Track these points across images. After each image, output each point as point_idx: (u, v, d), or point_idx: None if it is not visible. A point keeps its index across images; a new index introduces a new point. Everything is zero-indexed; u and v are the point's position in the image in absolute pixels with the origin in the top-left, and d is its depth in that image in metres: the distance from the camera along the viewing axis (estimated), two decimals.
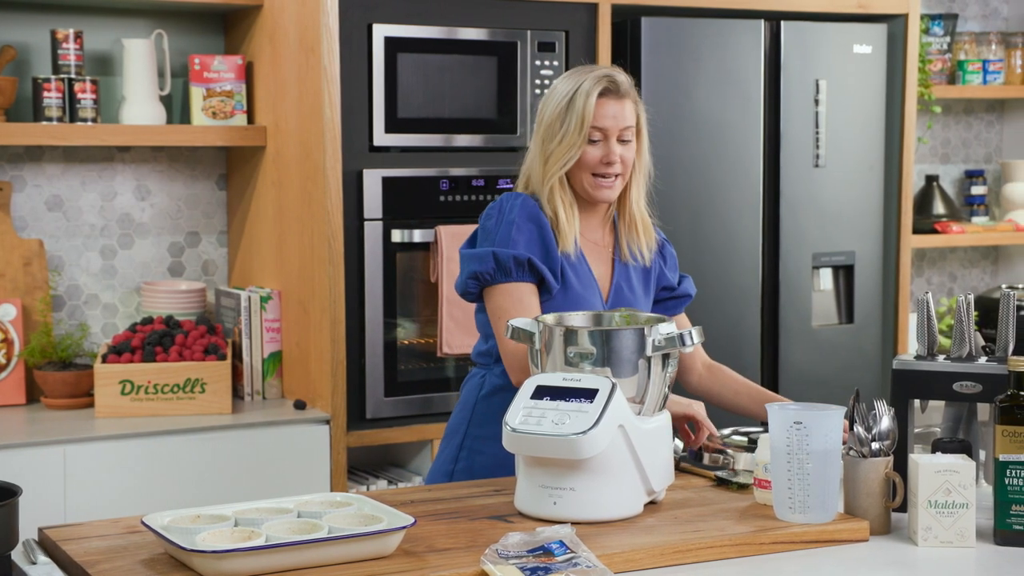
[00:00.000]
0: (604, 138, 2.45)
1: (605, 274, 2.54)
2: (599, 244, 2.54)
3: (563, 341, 2.17)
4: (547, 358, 2.19)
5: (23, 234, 3.64)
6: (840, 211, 4.02)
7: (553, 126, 2.45)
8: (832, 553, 2.03)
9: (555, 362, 2.18)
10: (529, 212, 2.45)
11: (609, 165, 2.45)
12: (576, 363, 2.16)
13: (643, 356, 2.16)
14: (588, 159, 2.45)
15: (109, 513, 2.93)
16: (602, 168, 2.45)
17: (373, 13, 3.41)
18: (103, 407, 3.35)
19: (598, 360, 2.15)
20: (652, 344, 2.16)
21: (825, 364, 4.02)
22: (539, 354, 2.21)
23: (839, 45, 3.98)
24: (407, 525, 1.91)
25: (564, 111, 2.44)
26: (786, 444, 2.08)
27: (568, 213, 2.47)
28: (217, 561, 1.79)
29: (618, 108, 2.45)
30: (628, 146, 2.47)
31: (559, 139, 2.44)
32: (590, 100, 2.42)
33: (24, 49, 3.60)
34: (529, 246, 2.42)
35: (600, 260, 2.54)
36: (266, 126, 3.64)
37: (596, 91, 2.43)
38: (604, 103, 2.44)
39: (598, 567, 1.86)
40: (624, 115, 2.46)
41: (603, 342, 2.15)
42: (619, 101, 2.45)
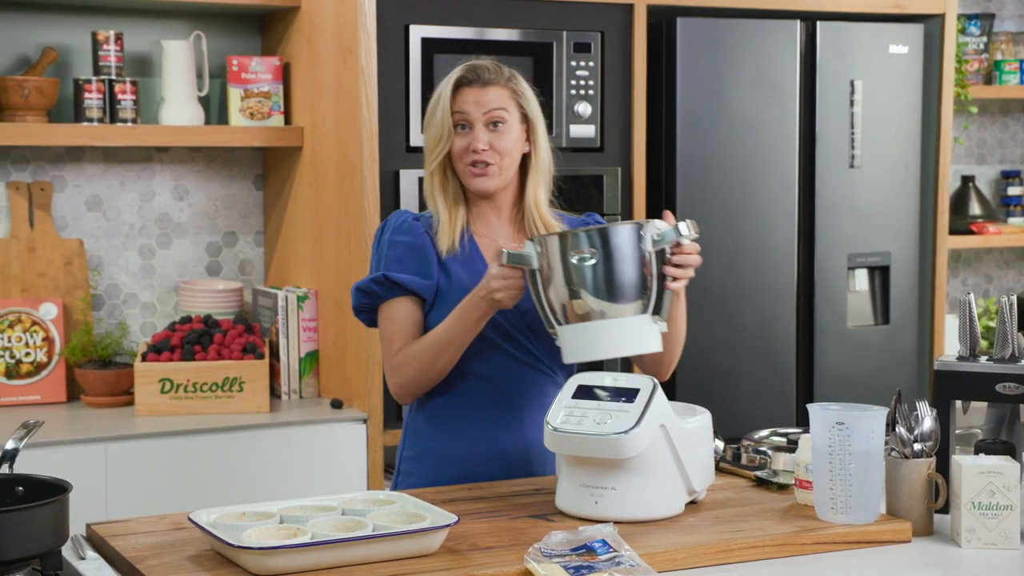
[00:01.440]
0: (471, 127, 2.39)
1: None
2: (507, 243, 2.44)
3: (560, 250, 2.16)
4: (549, 275, 2.18)
5: (64, 234, 3.68)
6: (876, 212, 4.01)
7: (426, 122, 2.43)
8: (874, 554, 2.03)
9: (557, 277, 2.18)
10: (398, 226, 2.44)
11: (476, 152, 2.38)
12: (579, 270, 2.15)
13: (644, 251, 2.16)
14: (456, 149, 2.40)
15: (149, 510, 2.95)
16: (471, 156, 2.39)
17: (410, 14, 3.43)
18: (143, 405, 3.38)
19: (600, 261, 2.14)
20: (651, 239, 2.17)
21: (860, 365, 4.01)
22: (538, 275, 2.20)
23: (875, 45, 3.97)
24: (451, 523, 1.92)
25: (433, 105, 2.42)
26: (828, 444, 2.08)
27: (450, 211, 2.42)
28: (264, 558, 1.81)
29: (480, 94, 2.39)
30: (500, 134, 2.39)
31: (430, 133, 2.41)
32: (447, 89, 2.39)
33: (65, 51, 3.64)
34: (398, 262, 2.40)
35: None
36: (303, 127, 3.67)
37: (454, 78, 2.40)
38: (464, 91, 2.39)
39: (641, 566, 1.87)
40: (486, 100, 2.38)
41: (602, 241, 2.15)
42: (482, 88, 2.39)
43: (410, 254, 2.42)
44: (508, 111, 2.40)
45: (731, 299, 3.82)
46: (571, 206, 3.61)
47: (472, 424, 2.42)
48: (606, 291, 2.16)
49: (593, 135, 3.67)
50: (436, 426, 2.44)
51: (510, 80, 2.43)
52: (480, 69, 2.41)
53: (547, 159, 2.48)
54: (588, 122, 3.66)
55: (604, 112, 3.69)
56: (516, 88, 2.43)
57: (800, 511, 2.17)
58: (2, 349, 3.50)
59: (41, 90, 3.44)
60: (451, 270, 2.42)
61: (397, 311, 2.41)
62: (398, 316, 2.41)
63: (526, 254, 2.21)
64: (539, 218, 2.46)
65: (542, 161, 2.46)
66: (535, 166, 2.46)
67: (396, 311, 2.41)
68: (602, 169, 3.68)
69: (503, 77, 2.42)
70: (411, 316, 2.40)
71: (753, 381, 3.85)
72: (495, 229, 2.47)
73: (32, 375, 3.52)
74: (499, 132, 2.39)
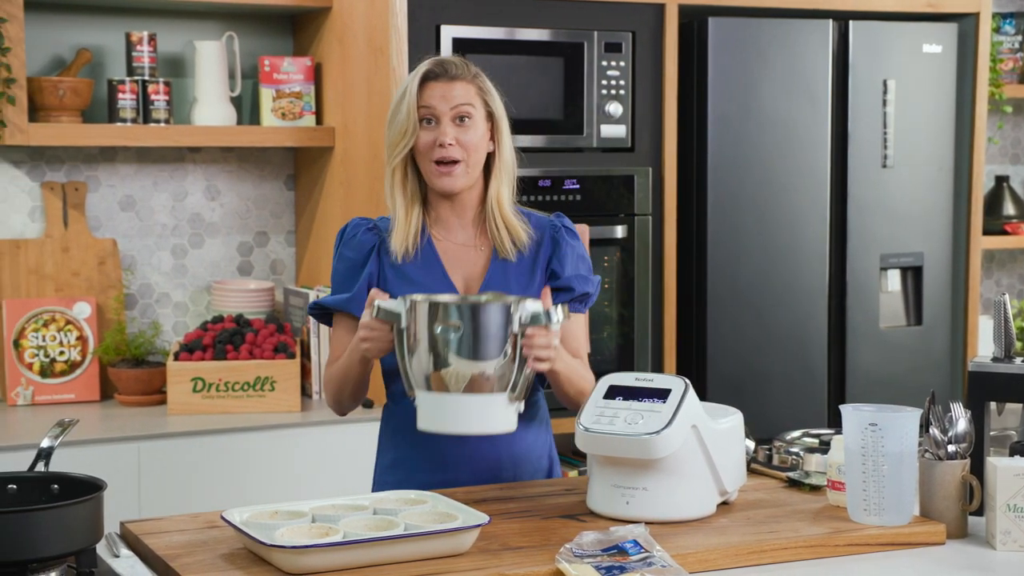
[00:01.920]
0: (437, 122, 2.34)
1: (473, 275, 2.41)
2: (467, 245, 2.42)
3: (428, 317, 2.13)
4: (415, 339, 2.15)
5: (97, 233, 3.70)
6: (908, 212, 3.99)
7: (391, 117, 2.38)
8: (908, 556, 2.02)
9: (421, 343, 2.14)
10: (348, 240, 2.43)
11: (442, 147, 2.33)
12: (444, 340, 2.12)
13: (510, 333, 2.13)
14: (421, 144, 2.35)
15: (181, 508, 2.97)
16: (437, 152, 2.33)
17: (441, 14, 3.43)
18: (175, 404, 3.40)
19: (465, 336, 2.11)
20: (519, 320, 2.13)
21: (893, 366, 3.99)
22: (405, 334, 2.17)
23: (908, 45, 3.95)
24: (482, 523, 1.92)
25: (398, 100, 2.37)
26: (861, 446, 2.07)
27: (407, 212, 2.38)
28: (296, 556, 1.81)
29: (446, 89, 2.34)
30: (466, 129, 2.34)
31: (394, 128, 2.36)
32: (414, 83, 2.35)
33: (99, 52, 3.66)
34: (340, 277, 2.43)
35: (466, 262, 2.41)
36: (334, 127, 3.68)
37: (421, 72, 2.36)
38: (430, 85, 2.34)
39: (673, 566, 1.86)
40: (453, 95, 2.34)
41: (471, 316, 2.12)
42: (449, 83, 2.34)
43: (349, 270, 2.42)
44: (474, 106, 2.36)
45: (763, 300, 3.81)
46: (601, 206, 3.64)
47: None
48: (466, 367, 2.12)
49: (624, 135, 3.67)
50: (403, 434, 2.40)
51: (476, 77, 2.39)
52: (447, 64, 2.37)
53: (511, 158, 2.42)
54: (619, 122, 3.65)
55: (635, 112, 3.68)
56: (482, 85, 2.39)
57: (832, 512, 2.16)
58: (37, 348, 3.52)
59: (76, 91, 3.46)
60: (408, 279, 2.38)
61: (335, 328, 2.45)
62: (334, 334, 2.46)
63: (395, 311, 2.17)
64: (501, 219, 2.40)
65: (505, 161, 2.41)
66: (498, 165, 2.40)
67: (335, 328, 2.46)
68: (633, 169, 3.68)
69: (469, 73, 2.38)
70: (344, 335, 2.42)
71: (784, 382, 3.84)
72: (455, 232, 2.43)
73: (66, 374, 3.55)
74: (465, 127, 2.34)
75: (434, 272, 2.39)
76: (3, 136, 3.33)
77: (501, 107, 2.41)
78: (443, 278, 2.39)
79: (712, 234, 3.74)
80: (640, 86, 3.68)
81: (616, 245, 3.68)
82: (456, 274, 2.40)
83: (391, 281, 2.39)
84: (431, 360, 2.14)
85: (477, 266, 2.41)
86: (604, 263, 3.68)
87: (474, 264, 2.41)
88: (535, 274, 2.42)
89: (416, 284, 2.37)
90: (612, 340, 3.70)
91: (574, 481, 2.38)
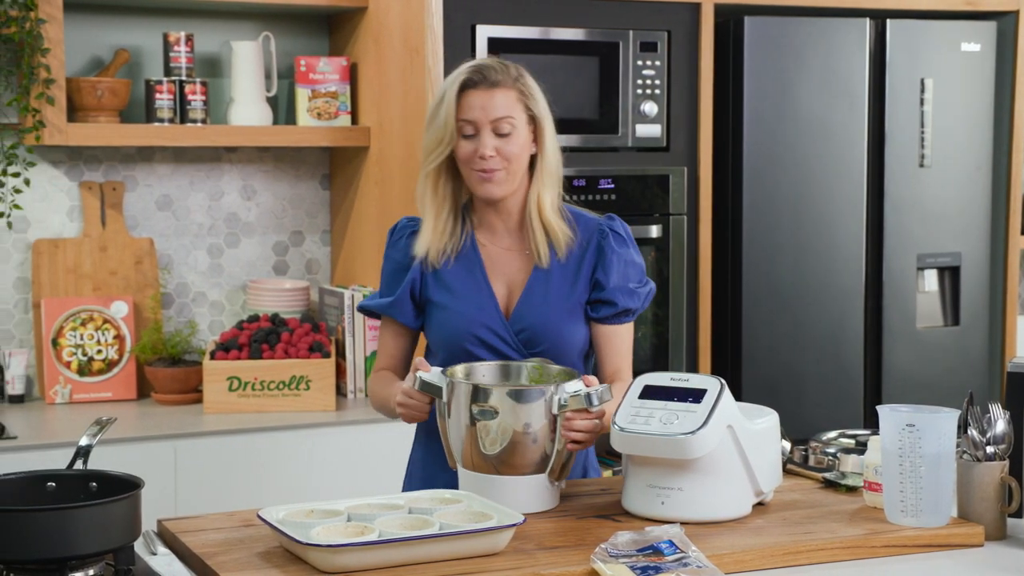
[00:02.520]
0: (476, 131, 2.29)
1: (516, 281, 2.37)
2: (512, 250, 2.38)
3: (467, 397, 2.13)
4: (454, 419, 2.16)
5: (134, 233, 3.73)
6: (946, 212, 3.96)
7: (428, 122, 2.34)
8: (947, 558, 2.01)
9: (460, 421, 2.14)
10: (394, 241, 2.43)
11: (483, 159, 2.28)
12: (482, 421, 2.11)
13: (549, 415, 2.12)
14: (461, 154, 2.31)
15: (218, 506, 2.98)
16: (478, 163, 2.29)
17: (477, 14, 3.44)
18: (211, 403, 3.41)
19: (504, 419, 2.10)
20: (557, 403, 2.12)
21: (929, 367, 3.96)
22: (446, 407, 2.17)
23: (946, 43, 3.92)
24: (517, 523, 1.92)
25: (436, 105, 2.32)
26: (898, 447, 2.06)
27: (435, 218, 2.35)
28: (332, 555, 1.82)
29: (486, 98, 2.28)
30: (507, 139, 2.29)
31: (431, 134, 2.33)
32: (452, 91, 2.29)
33: (137, 52, 3.69)
34: (388, 279, 2.43)
35: (509, 268, 2.38)
36: (370, 127, 3.69)
37: (459, 81, 2.30)
38: (469, 94, 2.29)
39: (708, 567, 1.86)
40: (494, 105, 2.28)
41: (510, 399, 2.11)
42: (488, 91, 2.28)
43: (396, 274, 2.42)
44: (515, 116, 2.30)
45: (798, 299, 3.79)
46: (636, 206, 3.64)
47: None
48: (504, 448, 2.12)
49: (659, 135, 3.66)
50: (428, 433, 2.40)
51: (517, 80, 2.32)
52: (486, 70, 2.30)
53: (554, 161, 2.36)
54: (654, 122, 3.64)
55: (670, 112, 3.67)
56: (523, 89, 2.33)
57: (869, 514, 2.15)
58: (75, 347, 3.55)
59: (114, 91, 3.49)
60: (447, 283, 2.35)
61: (382, 331, 2.48)
62: (381, 337, 2.48)
63: (436, 385, 2.17)
64: (540, 223, 2.34)
65: (548, 163, 2.35)
66: (541, 168, 2.34)
67: (381, 331, 2.48)
68: (668, 169, 3.67)
69: (510, 77, 2.31)
70: (389, 339, 2.45)
71: (820, 383, 3.82)
72: (501, 237, 2.39)
73: (103, 372, 3.57)
74: (507, 138, 2.30)
75: (475, 278, 2.36)
76: (42, 136, 3.36)
77: (544, 108, 2.36)
78: (484, 284, 2.36)
79: (747, 234, 3.73)
80: (676, 85, 3.67)
81: (651, 245, 3.67)
82: (498, 280, 2.37)
83: (430, 286, 2.37)
84: (470, 439, 2.14)
85: (521, 272, 2.38)
86: None
87: (518, 270, 2.38)
88: (577, 283, 2.37)
89: (454, 291, 2.35)
90: (647, 340, 3.70)
91: (609, 481, 2.38)
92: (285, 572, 1.83)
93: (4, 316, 3.61)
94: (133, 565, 1.84)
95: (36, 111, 3.35)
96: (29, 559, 1.76)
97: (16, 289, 3.62)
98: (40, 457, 3.00)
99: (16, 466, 2.64)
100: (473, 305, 2.35)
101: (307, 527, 1.91)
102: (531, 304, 2.35)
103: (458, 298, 2.35)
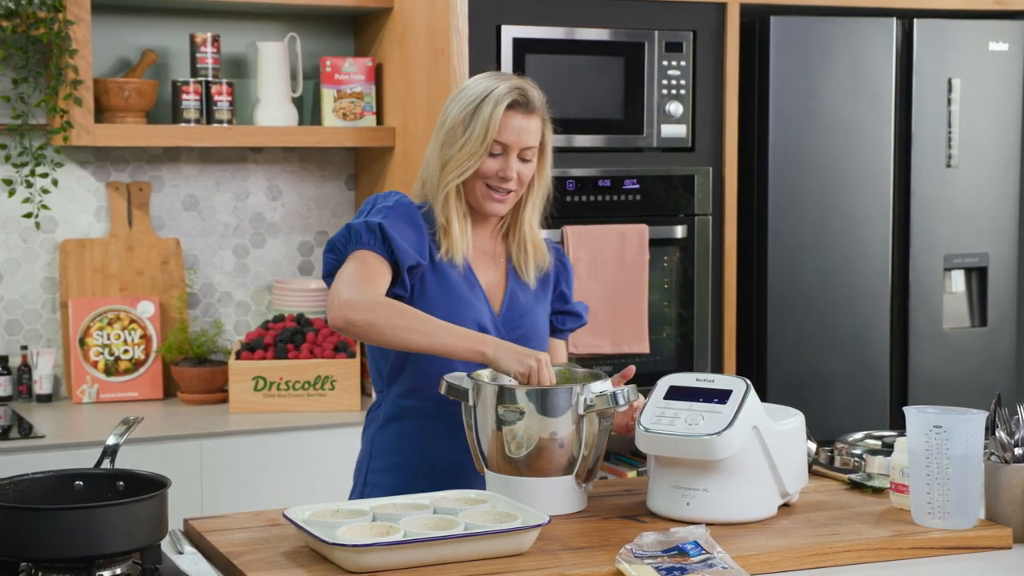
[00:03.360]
0: (505, 152, 2.32)
1: (498, 283, 2.40)
2: (489, 254, 2.41)
3: (493, 399, 2.13)
4: (481, 421, 2.15)
5: (161, 233, 3.74)
6: (973, 212, 3.94)
7: (455, 131, 2.32)
8: (974, 560, 2.00)
9: (487, 423, 2.14)
10: (403, 208, 2.32)
11: (505, 180, 2.32)
12: (508, 423, 2.11)
13: (575, 416, 2.11)
14: (485, 170, 2.31)
15: (243, 506, 2.99)
16: (497, 182, 2.32)
17: (502, 14, 3.44)
18: (237, 403, 3.43)
19: (530, 419, 2.10)
20: (584, 403, 2.11)
21: (956, 368, 3.94)
22: (472, 410, 2.16)
23: (974, 43, 3.90)
24: (542, 523, 1.92)
25: (470, 117, 2.30)
26: (925, 448, 2.05)
27: (462, 224, 2.35)
28: (357, 555, 1.82)
29: (525, 124, 2.32)
30: (528, 165, 2.35)
31: (460, 146, 2.31)
32: (498, 110, 2.29)
33: (164, 53, 3.70)
34: (398, 231, 2.27)
35: (490, 270, 2.41)
36: (395, 127, 3.69)
37: (506, 102, 2.30)
38: (512, 116, 2.31)
39: (734, 568, 1.85)
40: (530, 132, 2.33)
41: (536, 400, 2.10)
42: (527, 117, 2.32)
43: (413, 233, 2.29)
44: (537, 144, 2.36)
45: (824, 300, 3.78)
46: (660, 206, 3.63)
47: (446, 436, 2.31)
48: (529, 452, 2.12)
49: (684, 135, 3.65)
50: (410, 439, 2.36)
51: (544, 108, 2.38)
52: (530, 95, 2.34)
53: (548, 185, 2.43)
54: (679, 122, 3.64)
55: (696, 112, 3.67)
56: (545, 117, 2.38)
57: (896, 515, 2.14)
58: (102, 346, 3.57)
59: (140, 92, 3.51)
60: (446, 274, 2.33)
61: (373, 264, 2.23)
62: (374, 268, 2.22)
63: (462, 388, 2.17)
64: (530, 241, 2.41)
65: (544, 186, 2.41)
66: (537, 191, 2.40)
67: (372, 264, 2.23)
68: (693, 169, 3.66)
69: (543, 105, 2.37)
70: (383, 278, 2.23)
71: (846, 384, 3.80)
72: (481, 241, 2.42)
73: (130, 372, 3.59)
74: (528, 164, 2.35)
75: (465, 271, 2.36)
76: (70, 137, 3.38)
77: (551, 134, 2.41)
78: (472, 279, 2.36)
79: (773, 234, 3.72)
80: (701, 86, 3.67)
81: (676, 245, 3.66)
82: (481, 278, 2.39)
83: (427, 276, 2.34)
84: (496, 441, 2.14)
85: (496, 275, 2.41)
86: (664, 263, 3.66)
87: (494, 272, 2.41)
88: (547, 291, 2.45)
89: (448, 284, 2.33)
90: (671, 340, 3.69)
91: (634, 482, 2.37)
92: (311, 572, 1.84)
93: (32, 316, 3.63)
94: (160, 564, 1.85)
95: (64, 112, 3.37)
96: (57, 557, 1.76)
97: (44, 289, 3.64)
98: (67, 456, 3.02)
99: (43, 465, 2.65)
100: (476, 299, 2.35)
101: (332, 527, 1.91)
102: (518, 307, 2.39)
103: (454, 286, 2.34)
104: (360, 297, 2.17)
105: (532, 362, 2.12)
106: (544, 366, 2.13)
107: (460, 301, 2.32)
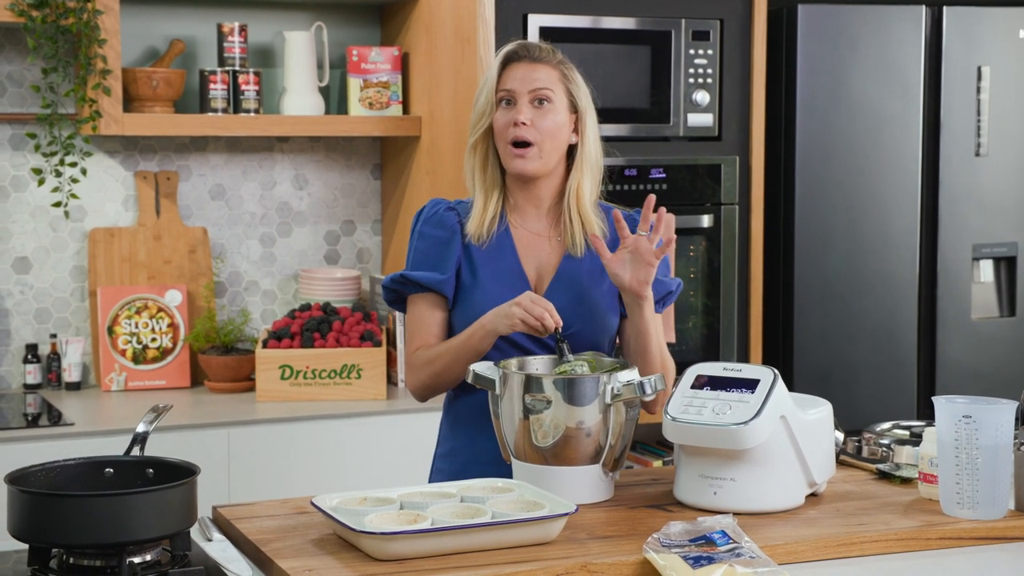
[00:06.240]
0: (515, 102, 2.31)
1: (547, 265, 2.37)
2: (540, 235, 2.38)
3: (520, 388, 2.12)
4: (508, 410, 2.15)
5: (188, 222, 3.76)
6: (1002, 201, 3.91)
7: (474, 102, 2.38)
8: (1003, 551, 1.99)
9: (514, 412, 2.14)
10: (429, 218, 2.38)
11: (516, 126, 2.29)
12: (535, 412, 2.11)
13: (602, 405, 2.11)
14: (498, 124, 2.32)
15: (271, 493, 3.01)
16: (512, 132, 2.30)
17: (528, 3, 3.43)
18: (263, 391, 3.44)
19: (557, 408, 2.10)
20: (611, 392, 2.11)
21: (984, 358, 3.92)
22: (499, 399, 2.16)
23: (1004, 30, 3.87)
24: (569, 512, 1.92)
25: (482, 82, 2.37)
26: (954, 438, 2.04)
27: (486, 195, 2.35)
28: (385, 543, 1.83)
29: (527, 71, 2.32)
30: (544, 113, 2.30)
31: (475, 108, 2.36)
32: (498, 62, 2.34)
33: (192, 42, 3.72)
34: (424, 256, 2.35)
35: (539, 251, 2.37)
36: (421, 116, 3.69)
37: (503, 55, 2.34)
38: (512, 67, 2.33)
39: (761, 558, 1.85)
40: (534, 77, 2.31)
41: (562, 388, 2.10)
42: (530, 65, 2.32)
43: (436, 248, 2.36)
44: (555, 92, 2.32)
45: (851, 290, 3.76)
46: (687, 195, 3.62)
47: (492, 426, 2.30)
48: (556, 441, 2.11)
49: (711, 124, 3.64)
50: (459, 427, 2.39)
51: (561, 63, 2.35)
52: (531, 46, 2.35)
53: (595, 153, 2.37)
54: (706, 111, 3.63)
55: (723, 101, 3.65)
56: (567, 72, 2.35)
57: (924, 505, 2.13)
58: (130, 335, 3.59)
59: (168, 81, 3.52)
60: (477, 264, 2.34)
61: (418, 308, 2.37)
62: (419, 314, 2.37)
63: (489, 377, 2.17)
64: (577, 212, 2.35)
65: (589, 154, 2.36)
66: (581, 157, 2.35)
67: (418, 308, 2.37)
68: (720, 158, 3.65)
69: (555, 58, 2.35)
70: (431, 315, 2.36)
71: (873, 373, 3.79)
72: (531, 221, 2.38)
73: (158, 360, 3.61)
74: (543, 111, 2.31)
75: (507, 260, 2.36)
76: (98, 126, 3.39)
77: (587, 99, 2.37)
78: (515, 267, 2.35)
79: (800, 223, 3.70)
80: (728, 74, 3.65)
81: (702, 234, 3.66)
82: (529, 264, 2.37)
83: (463, 266, 2.36)
84: (524, 430, 2.14)
85: (551, 258, 2.38)
86: (690, 252, 3.66)
87: (548, 255, 2.38)
88: (606, 273, 2.35)
89: (487, 272, 2.34)
90: (697, 330, 3.68)
91: (661, 471, 2.37)
92: (339, 559, 1.85)
93: (61, 304, 3.66)
94: (189, 551, 1.86)
95: (93, 101, 3.38)
96: (88, 543, 1.78)
97: (72, 278, 3.66)
98: (96, 444, 3.04)
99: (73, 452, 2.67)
100: (506, 286, 2.33)
101: (360, 514, 1.92)
102: (563, 288, 2.35)
103: (491, 279, 2.34)
104: (410, 378, 2.39)
105: (515, 309, 2.18)
106: (532, 304, 2.17)
107: (492, 291, 2.31)
